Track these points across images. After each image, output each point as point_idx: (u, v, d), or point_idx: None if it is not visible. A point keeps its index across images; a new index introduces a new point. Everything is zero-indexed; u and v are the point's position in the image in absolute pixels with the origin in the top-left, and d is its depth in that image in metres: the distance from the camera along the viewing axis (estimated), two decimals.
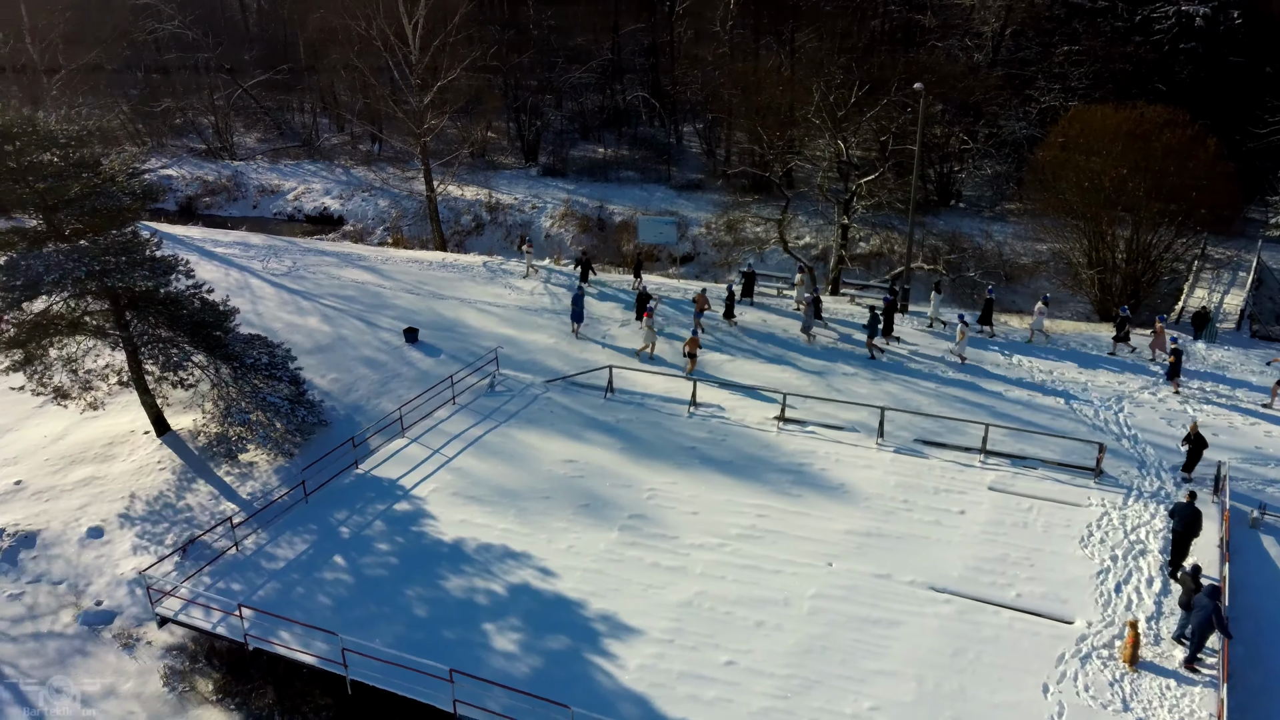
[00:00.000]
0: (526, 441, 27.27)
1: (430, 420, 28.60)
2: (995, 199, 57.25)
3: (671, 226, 38.84)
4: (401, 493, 25.03)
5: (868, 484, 24.93)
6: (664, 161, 64.54)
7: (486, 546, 22.77)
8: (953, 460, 25.97)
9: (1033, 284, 46.44)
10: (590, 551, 22.47)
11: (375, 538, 23.26)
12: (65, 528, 26.52)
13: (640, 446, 26.85)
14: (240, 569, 22.38)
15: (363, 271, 40.52)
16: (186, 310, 28.22)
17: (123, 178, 27.49)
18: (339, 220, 59.48)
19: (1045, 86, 54.08)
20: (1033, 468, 25.65)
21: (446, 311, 36.42)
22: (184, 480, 27.91)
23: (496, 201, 57.75)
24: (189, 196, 63.95)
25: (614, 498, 24.52)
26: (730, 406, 28.99)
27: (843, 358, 32.17)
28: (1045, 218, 43.49)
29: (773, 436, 27.30)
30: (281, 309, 36.95)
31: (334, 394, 31.21)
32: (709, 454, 26.40)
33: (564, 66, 69.02)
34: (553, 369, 31.77)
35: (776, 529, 23.13)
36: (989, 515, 23.54)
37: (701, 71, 65.15)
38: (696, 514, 23.78)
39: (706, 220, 54.10)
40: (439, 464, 26.27)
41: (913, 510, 23.81)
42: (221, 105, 72.85)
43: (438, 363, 32.37)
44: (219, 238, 45.60)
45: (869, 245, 50.32)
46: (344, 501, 24.79)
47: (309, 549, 22.98)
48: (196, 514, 26.55)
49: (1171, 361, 29.82)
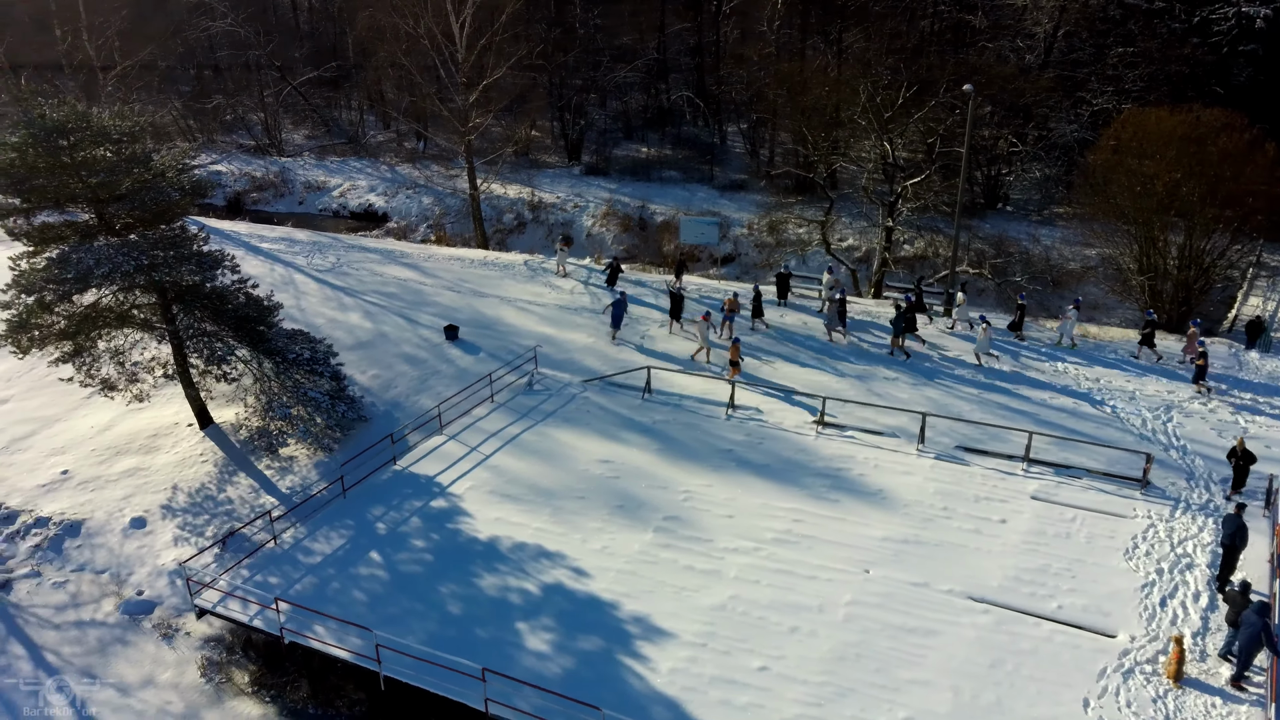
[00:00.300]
0: (563, 441, 27.26)
1: (468, 418, 28.69)
2: (1044, 203, 56.30)
3: (714, 227, 38.61)
4: (438, 490, 25.13)
5: (907, 490, 24.58)
6: (707, 161, 64.30)
7: (521, 545, 22.78)
8: (995, 468, 25.52)
9: (1080, 289, 45.54)
10: (624, 552, 22.38)
11: (411, 534, 23.37)
12: (109, 517, 27.00)
13: (676, 448, 26.72)
14: (278, 563, 22.60)
15: (405, 269, 40.81)
16: (231, 305, 28.62)
17: (173, 173, 27.93)
18: (383, 217, 60.00)
19: (1098, 89, 53.05)
20: (1077, 477, 25.13)
21: (486, 309, 36.55)
22: (225, 473, 28.26)
23: (539, 200, 57.89)
24: (237, 192, 64.86)
25: (649, 499, 24.42)
26: (768, 410, 28.76)
27: (883, 361, 31.77)
28: (1095, 222, 42.66)
29: (811, 440, 27.03)
30: (324, 305, 37.31)
31: (374, 390, 31.44)
32: (746, 457, 26.20)
33: (609, 65, 69.04)
34: (590, 368, 31.74)
35: (812, 534, 22.88)
36: (1030, 525, 23.09)
37: (747, 71, 64.82)
38: (732, 517, 23.60)
39: (749, 221, 53.77)
40: (476, 461, 26.34)
41: (952, 518, 23.43)
42: (271, 102, 73.83)
43: (477, 360, 32.48)
44: (265, 233, 46.18)
45: (913, 248, 49.70)
46: (381, 497, 24.94)
47: (346, 544, 23.14)
48: (237, 507, 26.88)
49: (1199, 365, 29.63)
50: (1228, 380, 30.29)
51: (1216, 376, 30.24)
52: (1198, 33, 53.12)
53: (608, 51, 70.15)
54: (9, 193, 26.52)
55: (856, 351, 32.66)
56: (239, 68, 76.66)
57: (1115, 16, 56.07)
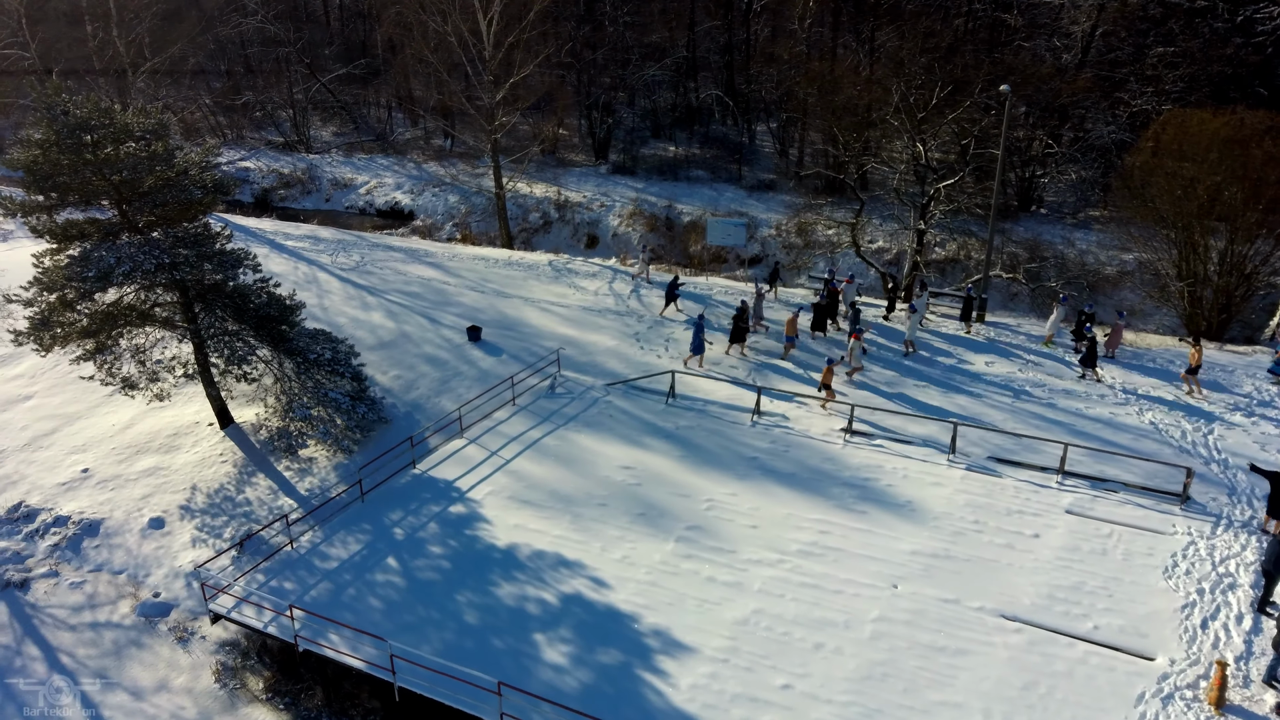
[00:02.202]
0: (584, 446, 26.79)
1: (489, 421, 28.30)
2: (1079, 205, 55.16)
3: (741, 229, 38.00)
4: (457, 494, 24.74)
5: (936, 502, 23.91)
6: (735, 161, 63.61)
7: (540, 553, 22.33)
8: (1027, 480, 24.78)
9: (1116, 295, 44.53)
10: (645, 563, 21.88)
11: (429, 540, 22.99)
12: (128, 517, 26.83)
13: (700, 455, 26.18)
14: (294, 567, 22.29)
15: (429, 268, 40.51)
16: (254, 304, 28.40)
17: (196, 171, 27.70)
18: (409, 215, 59.81)
19: (1138, 89, 51.83)
20: (1114, 491, 24.34)
21: (510, 310, 36.16)
22: (244, 473, 28.03)
23: (565, 199, 57.46)
24: (265, 189, 64.92)
25: (671, 507, 23.90)
26: (795, 416, 28.15)
27: (912, 372, 31.03)
28: (1133, 226, 41.65)
29: (838, 449, 26.40)
30: (347, 304, 37.07)
31: (395, 391, 31.12)
32: (771, 465, 25.61)
33: (638, 63, 68.51)
34: (614, 371, 31.26)
35: (839, 546, 22.27)
36: (1065, 540, 22.35)
37: (777, 70, 64.07)
38: (756, 528, 23.04)
39: (777, 221, 53.05)
40: (496, 466, 25.93)
41: (983, 532, 22.73)
42: (300, 99, 73.91)
43: (499, 362, 32.10)
44: (290, 231, 46.08)
45: (944, 251, 48.82)
46: (399, 501, 24.59)
47: (362, 549, 22.80)
48: (255, 508, 26.62)
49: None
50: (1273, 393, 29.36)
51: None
52: (1241, 32, 51.80)
53: (637, 49, 69.61)
54: (32, 190, 26.40)
55: (883, 358, 31.94)
56: (269, 64, 76.83)
57: (1155, 15, 54.80)
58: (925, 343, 33.10)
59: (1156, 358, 31.90)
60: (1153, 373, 30.81)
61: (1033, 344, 33.06)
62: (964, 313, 34.32)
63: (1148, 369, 31.09)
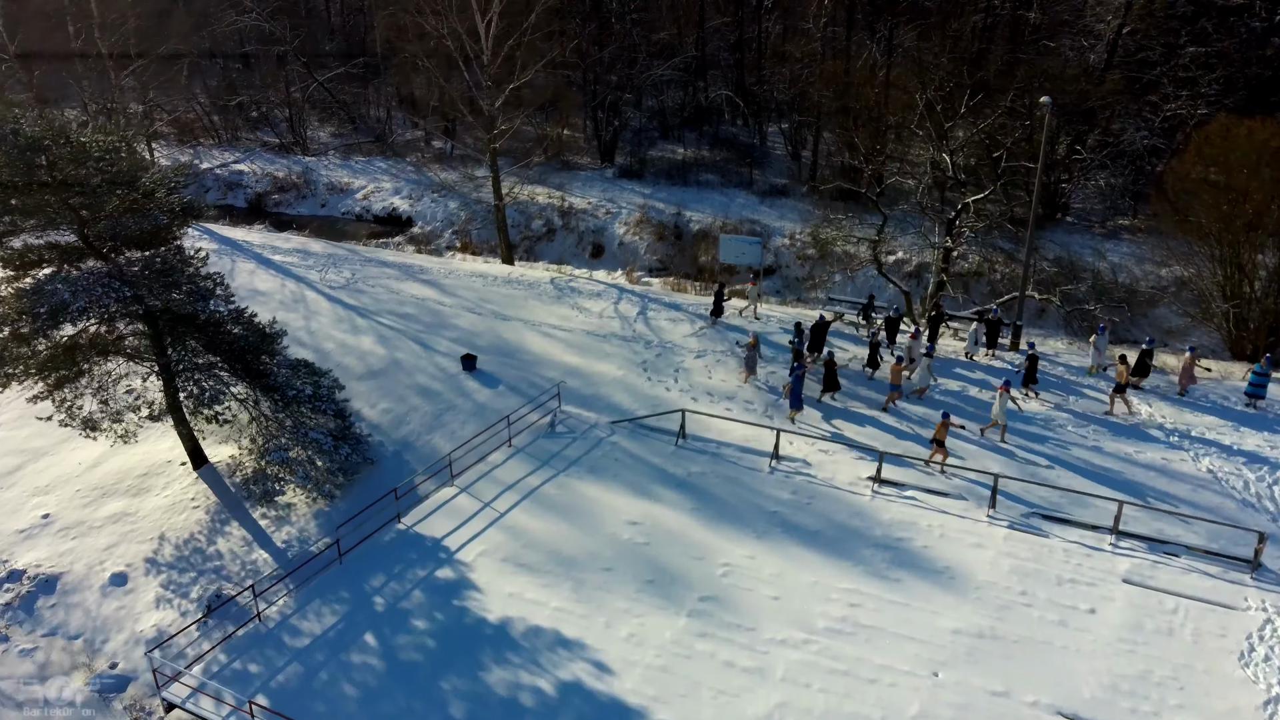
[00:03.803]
0: (588, 495, 24.41)
1: (483, 465, 25.92)
2: (1107, 214, 52.53)
3: (756, 247, 35.51)
4: (445, 555, 22.36)
5: (978, 567, 21.48)
6: (747, 164, 61.07)
7: (536, 630, 19.95)
8: (1078, 541, 22.35)
9: (1153, 315, 41.99)
10: (654, 641, 19.50)
11: (413, 611, 20.62)
12: (89, 571, 24.59)
13: (715, 507, 23.78)
14: (261, 645, 19.93)
15: (424, 286, 38.11)
16: (229, 334, 26.09)
17: (163, 193, 25.35)
18: (407, 222, 57.37)
19: (1171, 92, 49.16)
20: (1175, 555, 21.91)
21: (509, 335, 33.75)
22: (217, 521, 25.76)
23: (569, 206, 55.00)
24: (259, 193, 62.49)
25: (684, 572, 21.51)
26: (817, 461, 25.73)
27: (943, 407, 28.54)
28: (1172, 240, 39.14)
29: (866, 501, 23.98)
30: (335, 326, 34.70)
31: (383, 427, 28.78)
32: (793, 520, 23.21)
33: (645, 62, 65.97)
34: (619, 406, 28.87)
35: (872, 623, 19.87)
36: (1125, 616, 19.93)
37: (790, 69, 61.50)
38: (779, 599, 20.64)
39: (791, 230, 50.58)
40: (489, 520, 23.56)
41: (1033, 605, 20.31)
42: (297, 98, 71.48)
43: (495, 394, 29.72)
44: (279, 244, 43.70)
45: (968, 264, 46.27)
46: (382, 563, 22.23)
47: (339, 622, 20.44)
48: (226, 562, 24.36)
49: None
50: None
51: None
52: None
53: (644, 47, 67.06)
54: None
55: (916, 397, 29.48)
56: (267, 62, 74.36)
57: (1186, 13, 52.11)
58: (953, 372, 30.64)
59: (1209, 393, 29.37)
60: (1205, 409, 28.31)
61: (1073, 375, 30.54)
62: (989, 339, 31.55)
63: (1200, 406, 28.60)
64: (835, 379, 28.49)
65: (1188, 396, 28.95)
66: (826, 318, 31.88)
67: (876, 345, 30.08)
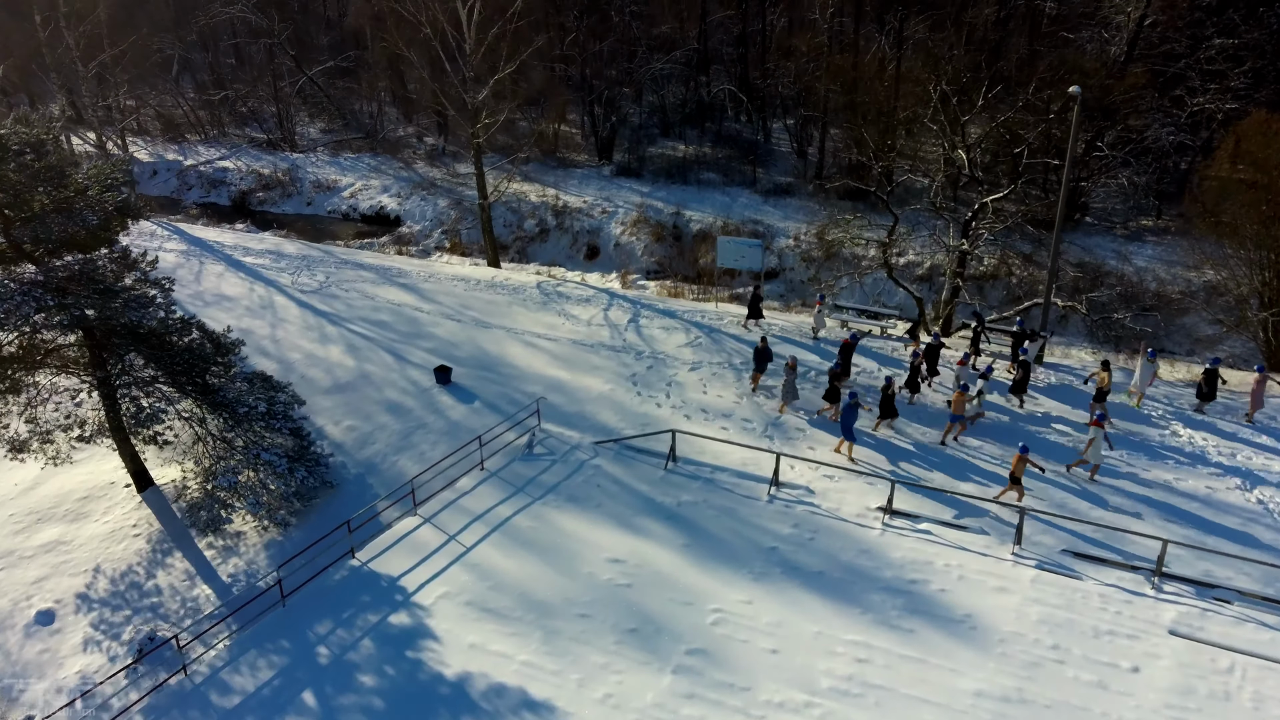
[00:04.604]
0: (565, 529, 21.90)
1: (451, 492, 23.44)
2: (1129, 214, 49.87)
3: (757, 250, 32.96)
4: (402, 598, 19.89)
5: (1002, 616, 18.95)
6: (750, 161, 58.51)
7: (500, 689, 17.48)
8: (1115, 585, 19.80)
9: (1182, 323, 39.37)
10: (634, 705, 17.02)
11: (360, 665, 18.15)
12: (14, 608, 22.14)
13: (707, 543, 21.27)
14: (185, 704, 17.50)
15: (401, 291, 35.61)
16: (176, 345, 23.64)
17: (96, 190, 22.91)
18: (395, 221, 54.92)
19: (1200, 86, 46.47)
20: (1226, 601, 19.36)
21: (489, 345, 31.25)
22: (159, 551, 23.33)
23: (564, 205, 52.50)
24: (243, 191, 60.11)
25: (670, 620, 19.02)
26: (821, 489, 23.19)
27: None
28: (1204, 242, 36.53)
29: (875, 536, 21.45)
30: (304, 335, 32.24)
31: (347, 446, 26.32)
32: (794, 560, 20.69)
33: (645, 56, 63.45)
34: (605, 425, 26.37)
35: (882, 683, 17.36)
36: (1174, 677, 17.40)
37: (795, 64, 58.89)
38: (777, 653, 18.15)
39: (795, 231, 48.05)
40: (453, 556, 21.08)
41: (1066, 662, 17.79)
42: (286, 92, 69.07)
43: (471, 411, 27.25)
44: (251, 245, 41.24)
45: (983, 266, 43.67)
46: (330, 606, 19.77)
47: (275, 677, 17.99)
48: (165, 599, 21.92)
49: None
50: None
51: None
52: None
53: (644, 41, 64.52)
54: None
55: (923, 413, 26.92)
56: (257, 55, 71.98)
57: (1211, 4, 49.41)
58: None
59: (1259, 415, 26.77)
60: (1256, 428, 25.73)
61: None
62: (1014, 352, 28.78)
63: (1250, 425, 26.01)
64: (893, 406, 25.37)
65: (1257, 423, 26.21)
66: (857, 334, 28.47)
67: (918, 368, 26.73)
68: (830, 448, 24.86)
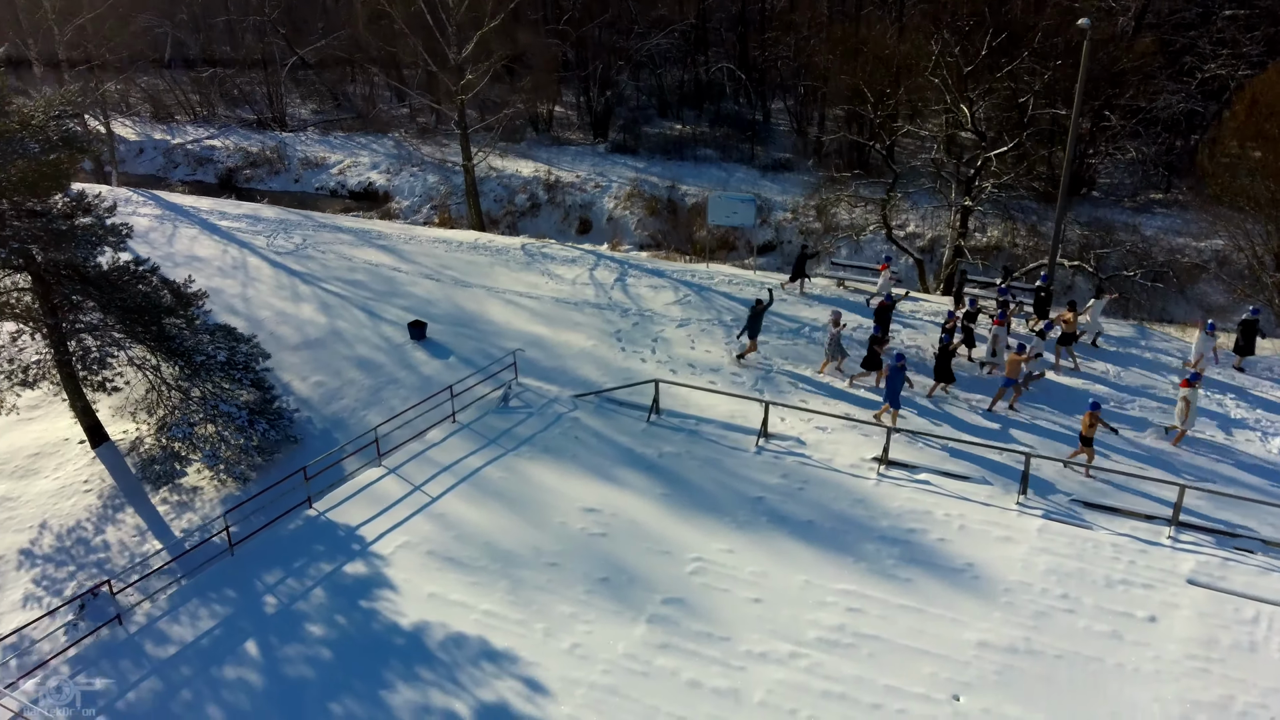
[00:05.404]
0: (538, 480, 20.48)
1: (419, 443, 22.02)
2: (1138, 187, 48.31)
3: (749, 206, 31.52)
4: (359, 547, 18.47)
5: (1007, 566, 17.50)
6: (748, 139, 57.10)
7: (459, 639, 16.05)
8: (1129, 534, 18.34)
9: (1192, 291, 37.89)
10: (603, 656, 15.58)
11: (309, 615, 16.74)
12: None
13: (688, 493, 19.84)
14: (117, 653, 16.09)
15: (379, 252, 34.22)
16: (125, 292, 22.28)
17: (41, 119, 21.52)
18: (384, 197, 53.58)
19: (1211, 51, 44.98)
20: (1248, 551, 17.91)
21: (468, 303, 29.85)
22: (110, 507, 21.93)
23: (556, 179, 51.11)
24: (229, 168, 58.87)
25: (646, 570, 17.59)
26: (813, 440, 21.75)
27: (964, 383, 24.50)
28: (1215, 207, 35.05)
29: (871, 486, 20.00)
30: (275, 294, 30.85)
31: (314, 402, 24.93)
32: (781, 509, 19.24)
33: (641, 34, 62.02)
34: (586, 380, 24.95)
35: (876, 633, 15.92)
36: (1194, 627, 15.94)
37: (795, 38, 57.46)
38: (760, 602, 16.71)
39: (793, 204, 46.60)
40: (417, 506, 19.66)
41: (1077, 612, 16.33)
42: (275, 71, 67.75)
43: (445, 366, 25.84)
44: (227, 210, 39.86)
45: (986, 237, 42.17)
46: (282, 556, 18.36)
47: (217, 627, 16.57)
48: (113, 555, 20.53)
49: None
50: None
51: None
52: None
53: (641, 19, 63.07)
54: None
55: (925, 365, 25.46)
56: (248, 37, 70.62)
57: None
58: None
59: (1274, 365, 25.29)
60: (1275, 381, 24.26)
61: (1112, 344, 26.43)
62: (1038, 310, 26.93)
63: (1267, 377, 24.53)
64: (949, 369, 23.22)
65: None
66: (894, 296, 26.41)
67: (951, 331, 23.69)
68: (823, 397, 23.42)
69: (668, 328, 27.74)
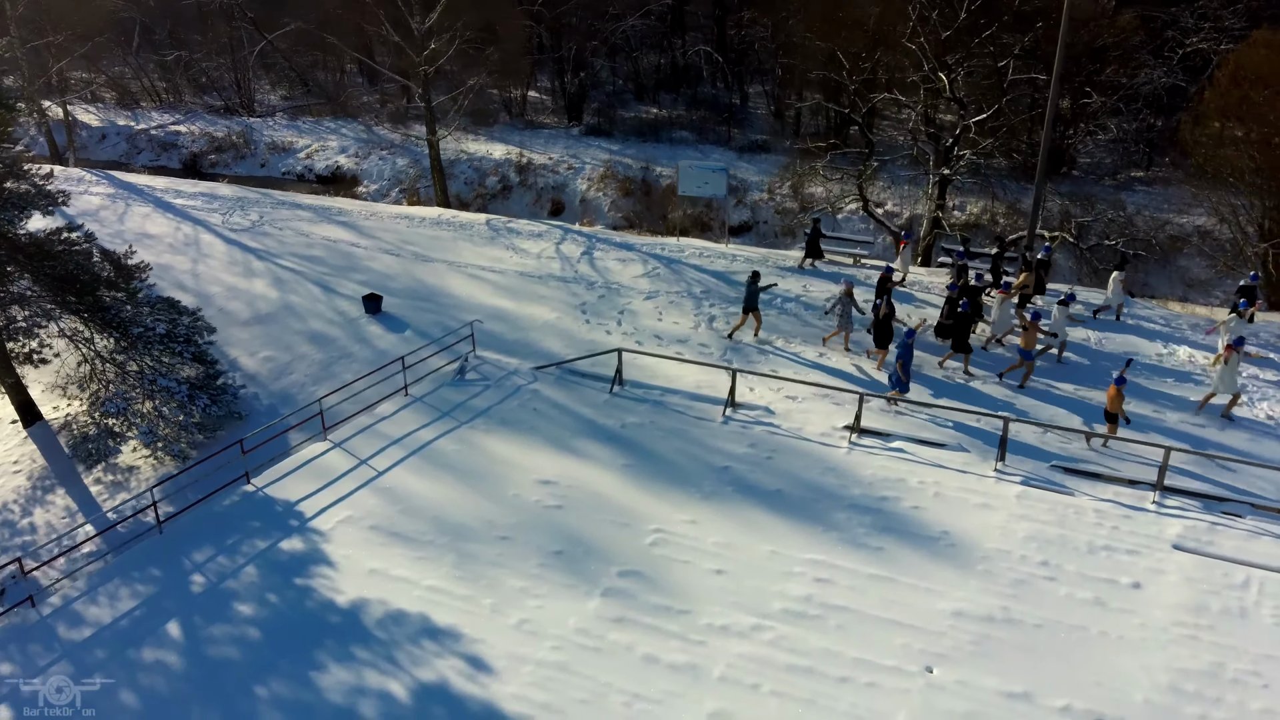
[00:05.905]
0: (493, 452, 19.38)
1: (368, 416, 20.88)
2: (1118, 165, 47.57)
3: (720, 176, 30.50)
4: (297, 523, 17.33)
5: (985, 534, 16.53)
6: (724, 122, 56.09)
7: (399, 616, 14.95)
8: (1112, 500, 17.41)
9: (1172, 267, 37.10)
10: (553, 632, 14.51)
11: (239, 593, 15.60)
12: None
13: (651, 464, 18.79)
14: (26, 637, 14.90)
15: (338, 228, 32.99)
16: (57, 260, 21.08)
17: None
18: (352, 180, 52.28)
19: (1193, 25, 44.25)
20: (1237, 515, 17.01)
21: (428, 277, 28.70)
22: (40, 489, 20.74)
23: (528, 161, 49.96)
24: (194, 153, 57.44)
25: (603, 542, 16.53)
26: (783, 410, 20.74)
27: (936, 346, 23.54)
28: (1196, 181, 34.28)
29: (842, 455, 19.00)
30: (227, 270, 29.62)
31: (261, 377, 23.76)
32: (748, 479, 18.22)
33: (616, 15, 60.86)
34: (549, 352, 23.86)
35: (846, 604, 14.91)
36: (1181, 593, 15.02)
37: (773, 19, 56.45)
38: (723, 573, 15.68)
39: (769, 183, 45.62)
40: (362, 480, 18.53)
41: (1058, 580, 15.37)
42: (243, 57, 66.27)
43: (401, 340, 24.70)
44: (183, 188, 38.51)
45: (965, 214, 41.27)
46: (213, 533, 17.20)
47: (138, 609, 15.41)
48: (40, 537, 19.37)
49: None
50: None
51: None
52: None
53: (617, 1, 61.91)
54: None
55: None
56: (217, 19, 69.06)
57: None
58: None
59: (1260, 332, 24.44)
60: (1260, 346, 23.39)
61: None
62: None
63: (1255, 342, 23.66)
64: (966, 340, 22.00)
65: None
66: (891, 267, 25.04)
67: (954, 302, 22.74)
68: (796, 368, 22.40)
69: (635, 300, 26.68)
